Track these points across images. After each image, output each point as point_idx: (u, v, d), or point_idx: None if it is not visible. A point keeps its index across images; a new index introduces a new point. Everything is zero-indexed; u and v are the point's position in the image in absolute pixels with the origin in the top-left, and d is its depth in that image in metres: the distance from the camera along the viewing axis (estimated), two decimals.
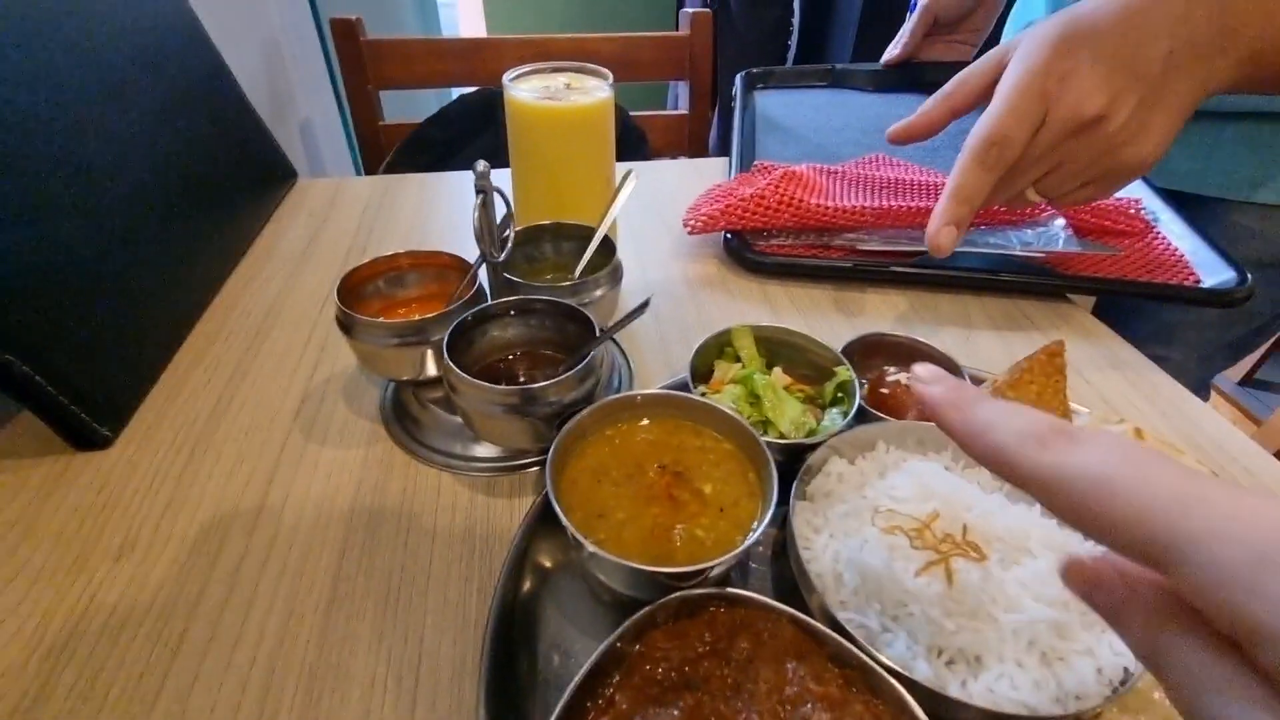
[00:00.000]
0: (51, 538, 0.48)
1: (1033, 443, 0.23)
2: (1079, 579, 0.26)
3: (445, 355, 0.48)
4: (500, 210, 0.55)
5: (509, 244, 0.55)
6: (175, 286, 0.68)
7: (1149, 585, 0.22)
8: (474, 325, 0.53)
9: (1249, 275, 0.69)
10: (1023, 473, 0.23)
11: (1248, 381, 2.05)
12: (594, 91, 0.64)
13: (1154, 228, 0.80)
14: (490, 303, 0.53)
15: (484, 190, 0.49)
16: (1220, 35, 0.49)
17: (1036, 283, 0.74)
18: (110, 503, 0.50)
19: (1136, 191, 0.85)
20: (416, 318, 0.52)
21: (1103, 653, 0.36)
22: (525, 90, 0.64)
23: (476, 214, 0.50)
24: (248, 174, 0.88)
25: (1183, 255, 0.76)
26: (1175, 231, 0.79)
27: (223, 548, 0.47)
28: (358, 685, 0.39)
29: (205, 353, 0.65)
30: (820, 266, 0.77)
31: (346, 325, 0.54)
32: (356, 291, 0.58)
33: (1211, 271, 0.72)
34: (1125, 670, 0.36)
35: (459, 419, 0.55)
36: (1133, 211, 0.80)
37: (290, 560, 0.46)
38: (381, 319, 0.55)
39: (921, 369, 0.30)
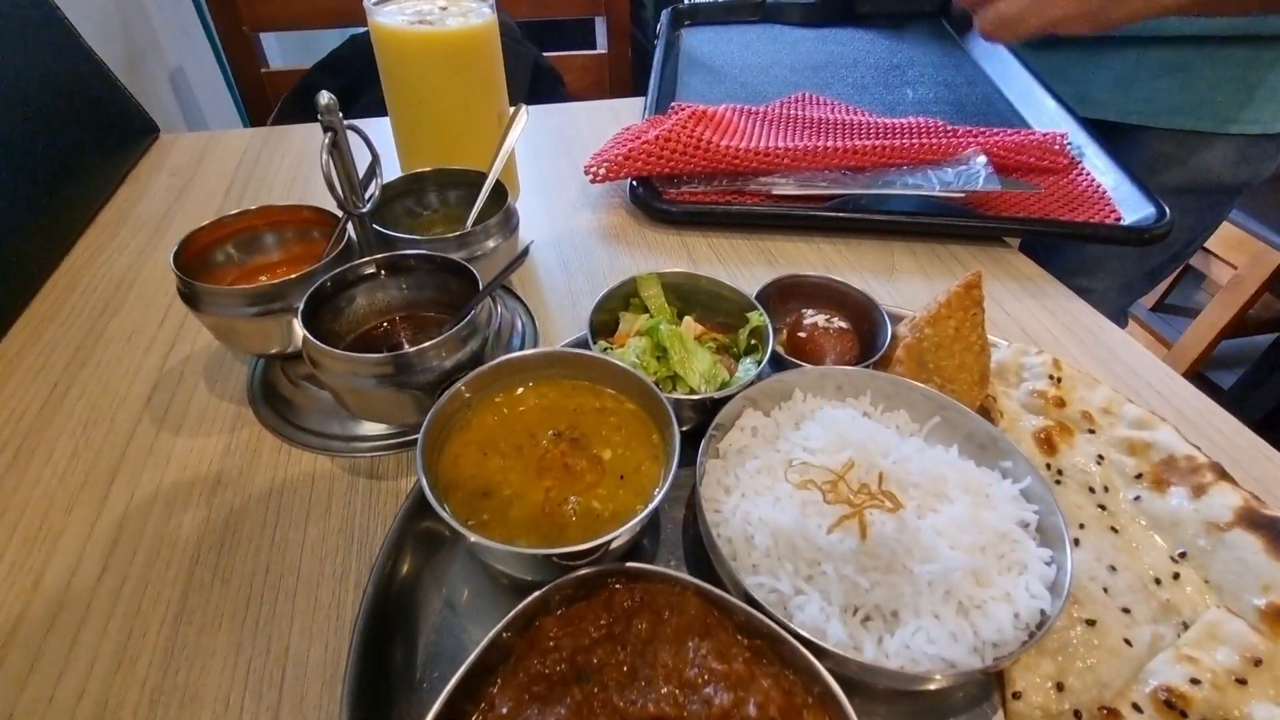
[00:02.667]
0: None
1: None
2: None
3: (301, 323, 0.41)
4: (365, 156, 0.48)
5: (375, 192, 0.48)
6: None
7: None
8: (340, 289, 0.46)
9: (1167, 210, 0.68)
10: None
11: (1159, 307, 2.14)
12: (473, 14, 0.56)
13: (1079, 163, 0.78)
14: (354, 262, 0.46)
15: (332, 127, 0.42)
16: None
17: (955, 225, 0.71)
18: None
19: (1063, 125, 0.83)
20: (274, 281, 0.45)
21: (1020, 597, 0.35)
22: (394, 14, 0.56)
23: (325, 156, 0.42)
24: (89, 131, 0.76)
25: (1104, 190, 0.74)
26: (1099, 166, 0.78)
27: (49, 561, 0.40)
28: (208, 707, 0.34)
29: (38, 337, 0.56)
30: (734, 213, 0.72)
31: (189, 295, 0.46)
32: (203, 260, 0.50)
33: (1132, 206, 0.71)
34: (1041, 613, 0.34)
35: None
36: (1057, 147, 0.78)
37: (133, 571, 0.40)
38: (235, 287, 0.47)
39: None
